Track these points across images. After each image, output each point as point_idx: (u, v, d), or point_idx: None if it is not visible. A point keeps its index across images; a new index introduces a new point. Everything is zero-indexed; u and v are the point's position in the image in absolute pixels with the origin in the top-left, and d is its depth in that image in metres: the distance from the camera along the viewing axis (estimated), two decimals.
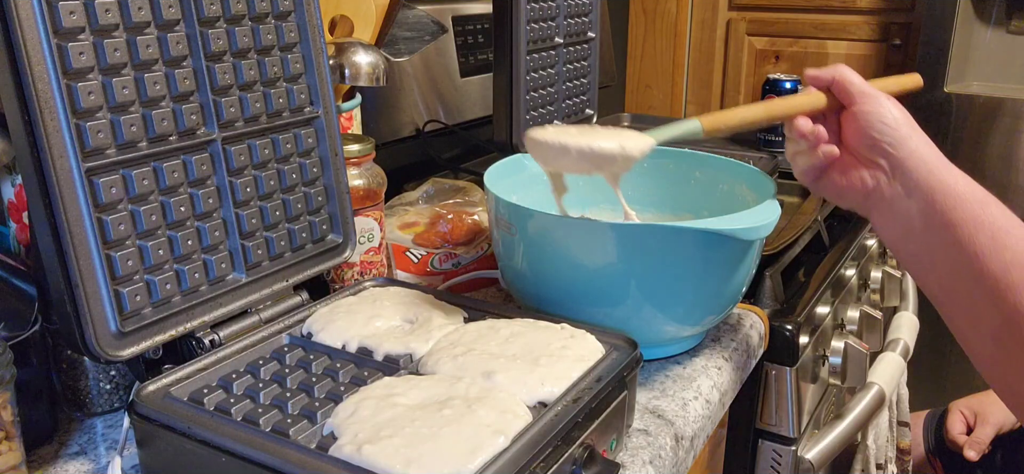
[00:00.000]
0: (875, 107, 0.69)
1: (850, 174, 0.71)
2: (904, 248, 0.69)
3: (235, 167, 0.66)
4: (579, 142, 0.68)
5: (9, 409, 0.55)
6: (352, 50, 0.87)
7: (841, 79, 0.71)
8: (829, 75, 0.71)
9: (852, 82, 0.70)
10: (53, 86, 0.53)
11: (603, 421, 0.58)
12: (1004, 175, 1.79)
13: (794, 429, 0.99)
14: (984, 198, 0.64)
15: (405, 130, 1.26)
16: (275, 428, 0.54)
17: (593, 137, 0.68)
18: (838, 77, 0.71)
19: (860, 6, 2.07)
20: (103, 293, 0.57)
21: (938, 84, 1.80)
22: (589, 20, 1.22)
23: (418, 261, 0.90)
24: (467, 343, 0.63)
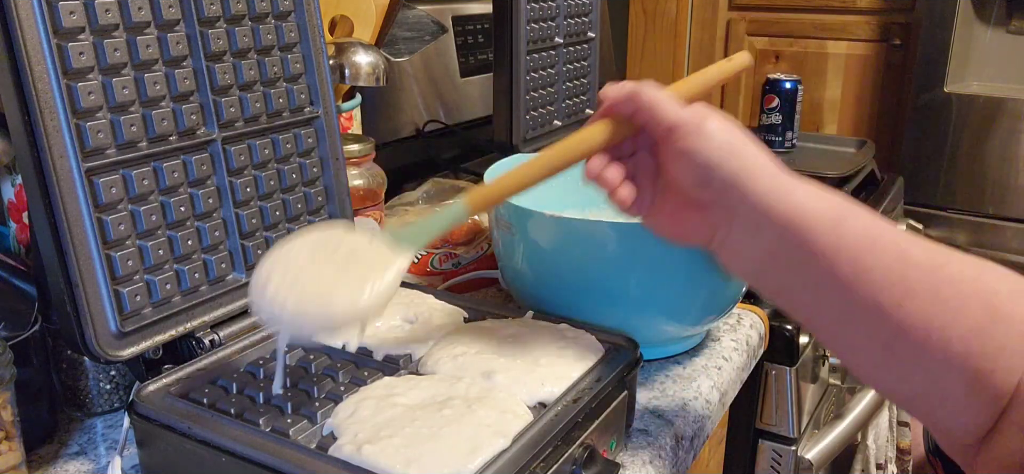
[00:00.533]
0: (696, 142, 0.54)
1: (682, 220, 0.59)
2: (762, 284, 0.58)
3: (235, 167, 0.66)
4: (296, 307, 0.52)
5: (9, 409, 0.55)
6: (352, 50, 0.87)
7: (646, 106, 0.56)
8: (629, 104, 0.57)
9: (660, 109, 0.56)
10: (53, 86, 0.53)
11: (603, 421, 0.58)
12: (1004, 175, 1.79)
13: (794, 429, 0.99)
14: (837, 215, 0.53)
15: (405, 130, 1.26)
16: (275, 428, 0.54)
17: (319, 286, 0.53)
18: (642, 104, 0.56)
19: (860, 6, 2.06)
20: (103, 293, 0.57)
21: (938, 84, 1.80)
22: (589, 20, 1.22)
23: (418, 261, 0.90)
24: (467, 343, 0.63)
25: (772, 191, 0.54)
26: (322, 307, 0.52)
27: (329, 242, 0.56)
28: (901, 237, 0.53)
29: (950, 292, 0.51)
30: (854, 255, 0.52)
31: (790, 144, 1.56)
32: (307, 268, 0.54)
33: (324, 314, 0.52)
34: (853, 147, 1.57)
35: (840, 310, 0.53)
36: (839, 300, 0.53)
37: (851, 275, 0.52)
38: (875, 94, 2.09)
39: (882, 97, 2.08)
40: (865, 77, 2.09)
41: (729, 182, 0.54)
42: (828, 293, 0.53)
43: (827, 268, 0.52)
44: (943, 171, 1.84)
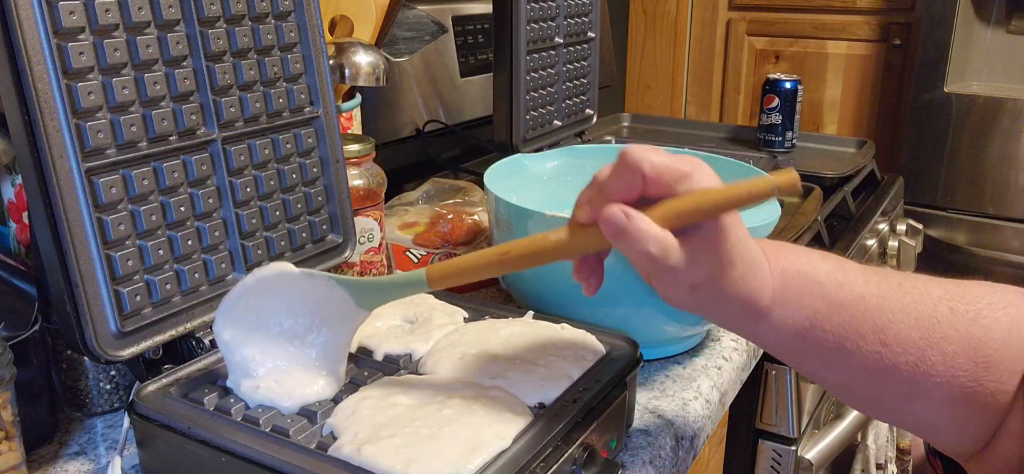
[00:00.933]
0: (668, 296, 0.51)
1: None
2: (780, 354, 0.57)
3: (235, 167, 0.66)
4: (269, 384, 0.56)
5: (9, 409, 0.55)
6: (352, 50, 0.87)
7: (630, 240, 0.47)
8: (609, 229, 0.47)
9: (657, 255, 0.47)
10: (53, 86, 0.53)
11: (603, 421, 0.58)
12: (1004, 175, 1.79)
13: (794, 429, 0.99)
14: (835, 281, 0.52)
15: (405, 130, 1.26)
16: (275, 428, 0.54)
17: (295, 367, 0.57)
18: (624, 238, 0.47)
19: (860, 6, 2.06)
20: (103, 293, 0.57)
21: (938, 84, 1.80)
22: (589, 20, 1.22)
23: (418, 261, 0.90)
24: (467, 343, 0.63)
25: (786, 287, 0.52)
26: (292, 389, 0.57)
27: (296, 298, 0.58)
28: (863, 284, 0.53)
29: (931, 320, 0.52)
30: (881, 327, 0.52)
31: (790, 144, 1.56)
32: (280, 340, 0.58)
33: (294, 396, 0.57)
34: (853, 147, 1.57)
35: (833, 362, 0.54)
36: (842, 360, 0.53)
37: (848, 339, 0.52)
38: (875, 94, 2.09)
39: (882, 97, 2.08)
40: (865, 77, 2.09)
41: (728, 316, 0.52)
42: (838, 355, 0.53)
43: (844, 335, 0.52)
44: (943, 171, 1.85)
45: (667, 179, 0.47)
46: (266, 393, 0.56)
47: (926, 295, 0.53)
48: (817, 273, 0.52)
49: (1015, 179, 1.78)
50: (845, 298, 0.52)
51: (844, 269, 0.53)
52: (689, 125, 1.81)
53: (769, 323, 0.52)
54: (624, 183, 0.47)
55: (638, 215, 0.47)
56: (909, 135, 1.87)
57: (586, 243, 0.50)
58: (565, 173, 0.97)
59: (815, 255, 0.53)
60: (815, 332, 0.52)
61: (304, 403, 0.56)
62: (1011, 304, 0.53)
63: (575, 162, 0.98)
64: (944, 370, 0.51)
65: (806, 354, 0.54)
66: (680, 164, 0.47)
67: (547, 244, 0.51)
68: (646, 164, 0.46)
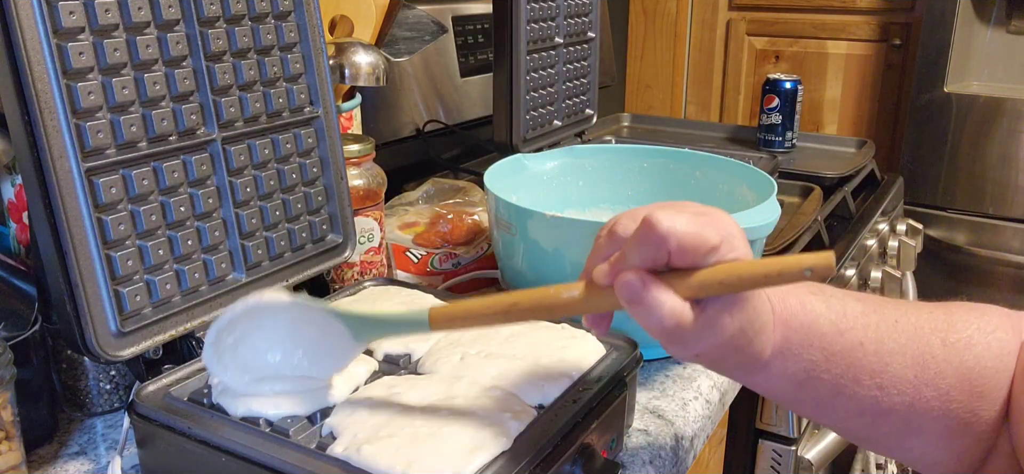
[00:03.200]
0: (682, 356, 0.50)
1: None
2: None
3: (235, 167, 0.66)
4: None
5: (9, 409, 0.55)
6: (352, 50, 0.87)
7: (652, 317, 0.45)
8: (625, 292, 0.46)
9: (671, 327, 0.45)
10: (53, 86, 0.53)
11: (603, 421, 0.58)
12: (1004, 175, 1.78)
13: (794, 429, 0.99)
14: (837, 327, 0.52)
15: (405, 130, 1.26)
16: (275, 428, 0.54)
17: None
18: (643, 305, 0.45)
19: (860, 6, 2.06)
20: (103, 293, 0.57)
21: (938, 84, 1.80)
22: (589, 20, 1.22)
23: (418, 261, 0.90)
24: (467, 343, 0.63)
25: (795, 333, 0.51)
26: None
27: (286, 329, 0.55)
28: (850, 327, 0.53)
29: (925, 357, 0.52)
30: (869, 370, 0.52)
31: (790, 144, 1.56)
32: (265, 380, 0.56)
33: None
34: (853, 147, 1.57)
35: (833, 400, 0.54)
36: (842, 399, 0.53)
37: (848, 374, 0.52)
38: (875, 94, 2.09)
39: (882, 97, 2.08)
40: (865, 77, 2.09)
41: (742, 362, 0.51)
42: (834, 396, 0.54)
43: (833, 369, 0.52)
44: (943, 171, 1.84)
45: (693, 253, 0.45)
46: None
47: (920, 330, 0.53)
48: (819, 324, 0.52)
49: (1015, 179, 1.78)
50: (844, 346, 0.52)
51: (846, 315, 0.52)
52: (689, 125, 1.81)
53: (767, 375, 0.52)
54: (649, 254, 0.45)
55: (656, 286, 0.45)
56: (909, 135, 1.87)
57: (599, 304, 0.48)
58: (565, 173, 0.97)
59: (820, 302, 0.52)
60: (812, 382, 0.52)
61: None
62: (998, 327, 0.54)
63: (575, 162, 0.98)
64: (939, 406, 0.52)
65: (802, 401, 0.54)
66: (709, 236, 0.45)
67: (559, 301, 0.49)
68: (673, 241, 0.44)
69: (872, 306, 0.54)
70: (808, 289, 0.53)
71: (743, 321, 0.47)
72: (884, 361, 0.52)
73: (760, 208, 0.73)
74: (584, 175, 0.98)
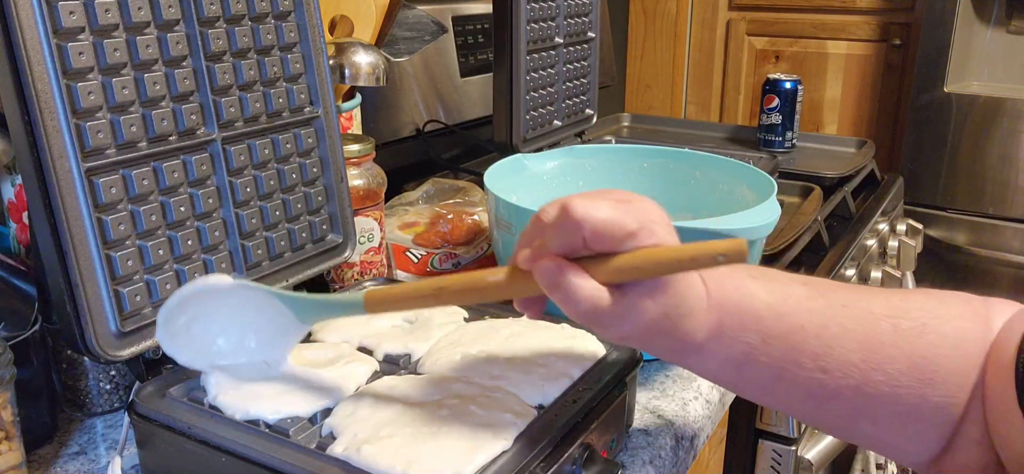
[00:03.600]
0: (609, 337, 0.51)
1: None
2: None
3: (235, 167, 0.66)
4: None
5: (9, 409, 0.55)
6: (352, 50, 0.87)
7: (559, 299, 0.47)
8: (543, 278, 0.47)
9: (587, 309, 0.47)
10: (53, 86, 0.53)
11: (603, 421, 0.58)
12: (1004, 175, 1.78)
13: (794, 429, 0.99)
14: (777, 311, 0.52)
15: (405, 130, 1.26)
16: (275, 428, 0.54)
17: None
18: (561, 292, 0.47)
19: (860, 6, 2.06)
20: (103, 293, 0.57)
21: (938, 84, 1.80)
22: (589, 20, 1.22)
23: (418, 261, 0.90)
24: (467, 343, 0.63)
25: (731, 315, 0.51)
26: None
27: (230, 312, 0.57)
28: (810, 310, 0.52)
29: (874, 341, 0.52)
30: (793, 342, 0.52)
31: (790, 144, 1.56)
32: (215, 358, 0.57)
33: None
34: (853, 147, 1.57)
35: (775, 384, 0.53)
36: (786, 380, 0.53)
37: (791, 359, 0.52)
38: (875, 94, 2.09)
39: (882, 97, 2.08)
40: (865, 77, 2.09)
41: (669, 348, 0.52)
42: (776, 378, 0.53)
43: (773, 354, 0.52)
44: (943, 171, 1.84)
45: (610, 239, 0.46)
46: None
47: (869, 314, 0.52)
48: (755, 306, 0.51)
49: (1015, 179, 1.78)
50: (783, 330, 0.51)
51: (787, 299, 0.52)
52: (689, 125, 1.81)
53: (701, 357, 0.52)
54: (565, 239, 0.47)
55: (572, 270, 0.46)
56: (909, 135, 1.87)
57: (523, 288, 0.50)
58: (565, 173, 0.97)
59: (759, 286, 0.52)
60: (750, 364, 0.52)
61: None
62: (957, 315, 0.53)
63: (575, 162, 0.98)
64: (888, 391, 0.51)
65: (743, 384, 0.54)
66: (626, 222, 0.46)
67: (484, 284, 0.50)
68: (587, 227, 0.46)
69: (819, 290, 0.54)
70: (748, 273, 0.53)
71: (666, 305, 0.48)
72: (827, 344, 0.51)
73: (760, 208, 0.73)
74: (584, 175, 0.98)
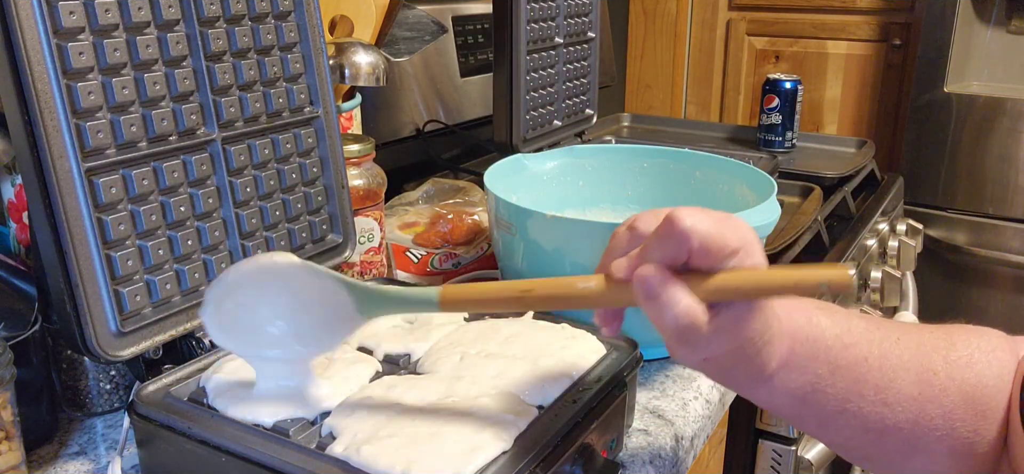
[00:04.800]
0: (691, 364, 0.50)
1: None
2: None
3: (235, 167, 0.66)
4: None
5: (9, 409, 0.55)
6: (352, 50, 0.87)
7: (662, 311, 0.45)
8: (643, 288, 0.45)
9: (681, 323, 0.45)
10: (53, 86, 0.53)
11: (603, 421, 0.58)
12: (1004, 175, 1.78)
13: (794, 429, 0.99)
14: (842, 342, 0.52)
15: (405, 130, 1.26)
16: (275, 428, 0.54)
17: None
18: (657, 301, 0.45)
19: (860, 6, 2.06)
20: (103, 293, 0.57)
21: (938, 84, 1.80)
22: (589, 20, 1.22)
23: (418, 261, 0.90)
24: (467, 343, 0.63)
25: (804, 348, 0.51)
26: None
27: (290, 295, 0.54)
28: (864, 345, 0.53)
29: (928, 373, 0.52)
30: (876, 381, 0.52)
31: (790, 144, 1.56)
32: (262, 346, 0.55)
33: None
34: (853, 147, 1.57)
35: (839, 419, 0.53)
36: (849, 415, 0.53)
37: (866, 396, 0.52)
38: (875, 94, 2.09)
39: (882, 97, 2.08)
40: (865, 77, 2.09)
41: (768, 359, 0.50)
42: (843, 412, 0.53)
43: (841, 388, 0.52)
44: (943, 171, 1.84)
45: (715, 254, 0.44)
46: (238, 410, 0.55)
47: (922, 346, 0.53)
48: (825, 336, 0.51)
49: (1015, 179, 1.78)
50: (849, 360, 0.51)
51: (850, 330, 0.52)
52: (689, 125, 1.81)
53: (770, 388, 0.51)
54: (669, 251, 0.44)
55: (674, 283, 0.44)
56: (909, 135, 1.87)
57: (615, 298, 0.47)
58: (565, 173, 0.97)
59: (825, 316, 0.52)
60: (817, 396, 0.52)
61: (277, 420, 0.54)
62: (997, 347, 0.53)
63: (575, 162, 0.98)
64: (943, 424, 0.51)
65: (806, 417, 0.54)
66: (729, 239, 0.44)
67: (575, 291, 0.48)
68: (695, 238, 0.43)
69: (875, 323, 0.54)
70: (814, 304, 0.53)
71: (754, 330, 0.46)
72: (888, 377, 0.51)
73: (760, 208, 0.73)
74: (584, 175, 0.98)
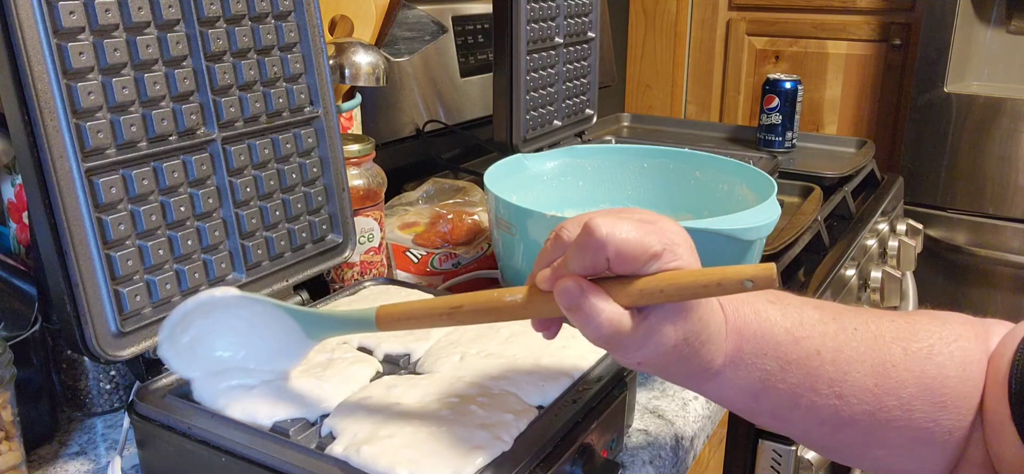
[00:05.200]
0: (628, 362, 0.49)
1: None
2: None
3: (235, 167, 0.66)
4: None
5: (9, 409, 0.55)
6: (352, 50, 0.87)
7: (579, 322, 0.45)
8: (563, 299, 0.45)
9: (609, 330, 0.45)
10: (53, 86, 0.53)
11: (603, 421, 0.58)
12: (1004, 175, 1.78)
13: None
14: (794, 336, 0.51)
15: (405, 130, 1.26)
16: (275, 428, 0.54)
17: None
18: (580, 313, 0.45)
19: (860, 6, 2.06)
20: (103, 293, 0.57)
21: (938, 84, 1.80)
22: (589, 20, 1.22)
23: (418, 261, 0.90)
24: (467, 343, 0.63)
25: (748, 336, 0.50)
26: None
27: (237, 325, 0.56)
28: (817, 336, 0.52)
29: (886, 365, 0.51)
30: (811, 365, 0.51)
31: (790, 144, 1.56)
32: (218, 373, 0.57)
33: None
34: (853, 147, 1.57)
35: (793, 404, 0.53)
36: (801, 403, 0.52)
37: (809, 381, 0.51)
38: (875, 94, 2.09)
39: (882, 97, 2.08)
40: (865, 77, 2.09)
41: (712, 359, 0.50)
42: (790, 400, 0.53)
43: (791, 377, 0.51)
44: (943, 171, 1.84)
45: (633, 260, 0.44)
46: None
47: (879, 337, 0.52)
48: (774, 331, 0.51)
49: (1015, 179, 1.78)
50: (800, 355, 0.51)
51: (802, 323, 0.52)
52: (689, 125, 1.81)
53: (719, 383, 0.51)
54: (587, 259, 0.44)
55: (593, 293, 0.44)
56: (909, 135, 1.87)
57: (542, 309, 0.48)
58: (565, 173, 0.97)
59: (775, 310, 0.52)
60: (768, 391, 0.51)
61: None
62: (960, 336, 0.53)
63: (575, 162, 0.98)
64: (901, 415, 0.51)
65: (759, 411, 0.54)
66: (650, 243, 0.44)
67: (501, 304, 0.49)
68: (611, 248, 0.44)
69: (830, 314, 0.53)
70: (765, 297, 0.52)
71: (687, 330, 0.46)
72: (842, 370, 0.51)
73: (760, 208, 0.73)
74: (584, 175, 0.98)
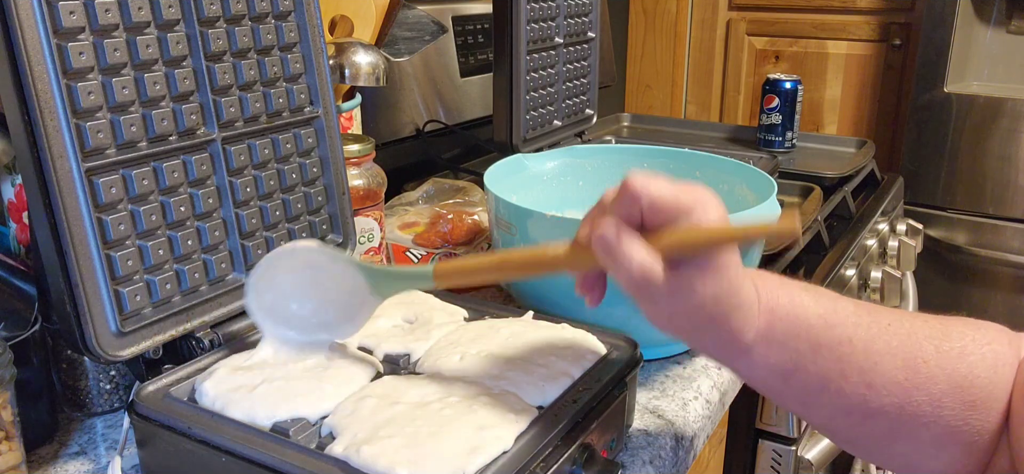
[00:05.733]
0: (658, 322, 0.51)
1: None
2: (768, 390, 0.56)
3: (235, 167, 0.66)
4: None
5: (9, 409, 0.55)
6: (352, 50, 0.87)
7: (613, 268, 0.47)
8: (599, 244, 0.47)
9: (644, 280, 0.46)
10: (53, 86, 0.53)
11: (603, 421, 0.58)
12: (1004, 175, 1.79)
13: (794, 429, 0.99)
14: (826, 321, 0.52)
15: (405, 130, 1.26)
16: (275, 428, 0.54)
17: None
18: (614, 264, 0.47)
19: (860, 6, 2.06)
20: (103, 293, 0.57)
21: (938, 84, 1.80)
22: (589, 20, 1.22)
23: (418, 261, 0.90)
24: (467, 343, 0.63)
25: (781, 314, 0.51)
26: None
27: (313, 280, 0.60)
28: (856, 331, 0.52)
29: (917, 361, 0.52)
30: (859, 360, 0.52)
31: (790, 144, 1.56)
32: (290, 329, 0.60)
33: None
34: (853, 147, 1.57)
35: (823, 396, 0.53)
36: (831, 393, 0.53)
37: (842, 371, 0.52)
38: (875, 94, 2.09)
39: (882, 97, 2.08)
40: (865, 77, 2.09)
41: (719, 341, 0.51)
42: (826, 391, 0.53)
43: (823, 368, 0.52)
44: (943, 171, 1.85)
45: (665, 213, 0.46)
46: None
47: (913, 335, 0.52)
48: (807, 315, 0.51)
49: (1015, 179, 1.78)
50: (832, 340, 0.51)
51: (835, 311, 0.52)
52: (689, 125, 1.81)
53: (750, 360, 0.52)
54: (624, 210, 0.47)
55: (629, 237, 0.46)
56: (909, 135, 1.87)
57: (582, 261, 0.50)
58: (565, 173, 0.97)
59: (809, 297, 0.52)
60: (798, 373, 0.52)
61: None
62: (993, 340, 0.53)
63: (575, 162, 0.98)
64: (930, 411, 0.51)
65: (788, 394, 0.54)
66: (682, 198, 0.46)
67: (545, 257, 0.52)
68: (644, 198, 0.46)
69: (865, 308, 0.54)
70: (799, 286, 0.53)
71: (717, 290, 0.47)
72: (873, 360, 0.51)
73: (760, 208, 0.73)
74: (584, 175, 0.98)
